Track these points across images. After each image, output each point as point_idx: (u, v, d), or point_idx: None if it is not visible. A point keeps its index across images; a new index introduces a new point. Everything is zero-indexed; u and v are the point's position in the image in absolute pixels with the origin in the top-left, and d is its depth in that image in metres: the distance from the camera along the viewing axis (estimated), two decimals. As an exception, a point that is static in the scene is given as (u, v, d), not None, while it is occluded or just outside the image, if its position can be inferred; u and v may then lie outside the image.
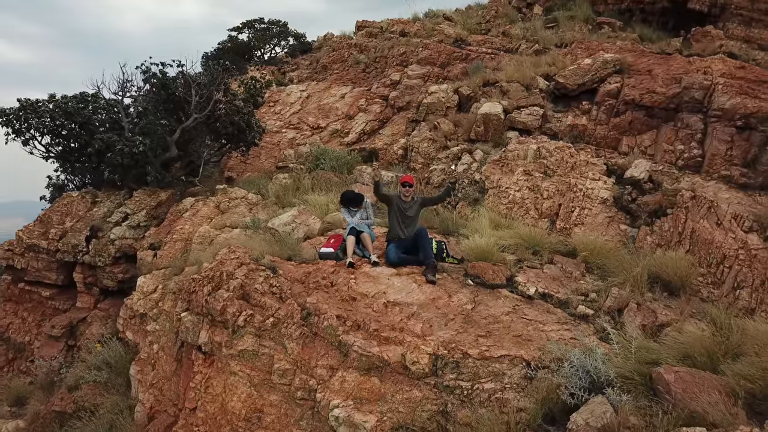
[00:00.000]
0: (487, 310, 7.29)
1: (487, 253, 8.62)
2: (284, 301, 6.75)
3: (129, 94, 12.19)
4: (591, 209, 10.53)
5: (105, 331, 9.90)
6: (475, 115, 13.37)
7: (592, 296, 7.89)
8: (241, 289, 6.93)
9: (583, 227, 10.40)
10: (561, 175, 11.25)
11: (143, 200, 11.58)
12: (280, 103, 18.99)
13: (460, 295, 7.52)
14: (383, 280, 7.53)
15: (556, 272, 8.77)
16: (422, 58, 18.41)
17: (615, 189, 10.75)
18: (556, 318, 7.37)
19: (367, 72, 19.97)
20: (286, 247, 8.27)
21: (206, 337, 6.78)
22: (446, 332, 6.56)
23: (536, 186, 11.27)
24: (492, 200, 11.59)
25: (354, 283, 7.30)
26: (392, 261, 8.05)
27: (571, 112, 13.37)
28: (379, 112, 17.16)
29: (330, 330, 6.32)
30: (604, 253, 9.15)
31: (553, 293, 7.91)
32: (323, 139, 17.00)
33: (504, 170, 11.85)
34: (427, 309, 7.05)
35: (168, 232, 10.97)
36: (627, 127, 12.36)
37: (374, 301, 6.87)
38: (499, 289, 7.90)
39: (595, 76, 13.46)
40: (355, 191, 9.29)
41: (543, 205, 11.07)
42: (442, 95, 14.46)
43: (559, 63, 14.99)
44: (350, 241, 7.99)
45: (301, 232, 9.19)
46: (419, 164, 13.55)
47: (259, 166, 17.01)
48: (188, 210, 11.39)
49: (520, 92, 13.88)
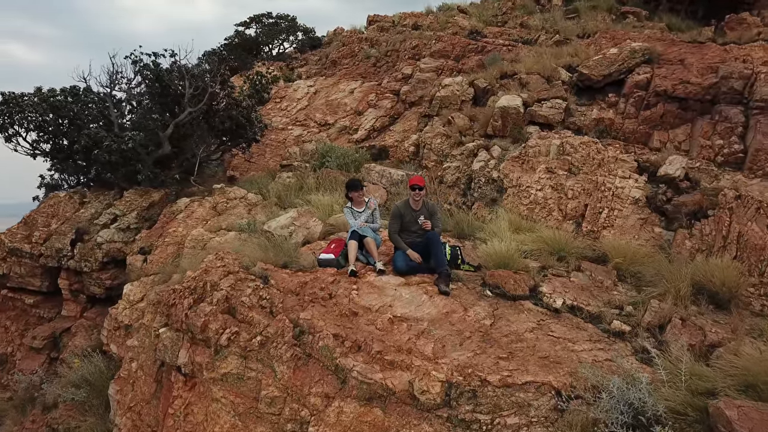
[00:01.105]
0: (509, 326, 6.37)
1: (508, 259, 7.69)
2: (274, 317, 5.87)
3: (119, 87, 11.38)
4: (621, 210, 9.53)
5: (89, 344, 9.10)
6: (492, 109, 12.41)
7: (627, 310, 6.93)
8: (226, 302, 6.07)
9: (613, 230, 9.41)
10: (587, 172, 10.26)
11: (134, 201, 10.77)
12: (287, 99, 18.16)
13: (478, 309, 6.61)
14: (389, 291, 6.64)
15: (585, 281, 7.82)
16: (435, 51, 17.49)
17: (647, 188, 9.74)
18: (588, 335, 6.43)
19: (378, 66, 19.09)
20: (281, 252, 7.40)
21: (186, 357, 5.92)
22: (461, 354, 5.65)
23: (560, 185, 10.29)
24: (511, 200, 10.63)
25: (356, 295, 6.41)
26: (400, 269, 7.15)
27: (596, 105, 12.36)
28: (390, 107, 16.27)
29: (326, 351, 5.43)
30: (638, 259, 8.19)
31: (583, 306, 6.97)
32: (331, 136, 16.15)
33: (524, 168, 10.89)
34: (439, 325, 6.14)
35: (160, 235, 10.18)
36: (658, 120, 11.33)
37: (378, 317, 5.97)
38: (522, 301, 6.98)
39: (623, 67, 12.44)
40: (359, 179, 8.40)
41: (567, 205, 10.10)
42: (456, 88, 13.51)
43: (581, 54, 14.00)
44: (352, 246, 7.10)
45: (300, 235, 8.32)
46: (432, 162, 12.62)
47: (264, 164, 16.21)
48: (182, 211, 10.58)
49: (541, 84, 12.90)
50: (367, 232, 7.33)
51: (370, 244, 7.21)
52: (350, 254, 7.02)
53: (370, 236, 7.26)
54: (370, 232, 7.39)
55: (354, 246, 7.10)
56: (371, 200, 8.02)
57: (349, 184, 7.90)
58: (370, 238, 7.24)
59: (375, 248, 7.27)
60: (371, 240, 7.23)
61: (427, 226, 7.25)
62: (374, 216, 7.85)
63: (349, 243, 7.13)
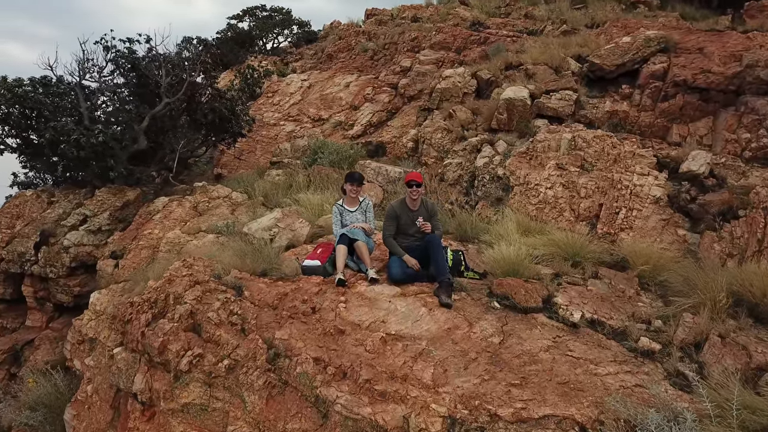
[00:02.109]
0: (521, 345, 5.49)
1: (517, 265, 6.81)
2: (246, 336, 4.99)
3: (90, 77, 10.44)
4: (641, 210, 8.64)
5: (52, 358, 8.20)
6: (496, 101, 11.53)
7: (656, 324, 6.05)
8: (191, 318, 5.18)
9: (632, 232, 8.52)
10: (602, 169, 9.37)
11: (106, 200, 9.86)
12: (279, 93, 17.26)
13: (484, 324, 5.73)
14: (383, 304, 5.75)
15: (604, 290, 6.93)
16: (436, 43, 16.61)
17: (669, 186, 8.84)
18: (612, 355, 5.54)
19: (375, 59, 18.20)
20: (260, 258, 6.52)
21: (143, 383, 5.04)
22: (466, 380, 4.77)
23: (572, 182, 9.40)
24: (518, 199, 9.74)
25: (343, 309, 5.52)
26: (396, 277, 6.27)
27: (609, 97, 11.47)
28: (388, 101, 15.38)
29: (305, 379, 4.55)
30: (663, 264, 7.31)
31: (605, 320, 6.09)
32: (325, 131, 15.26)
33: (532, 164, 10.00)
34: (440, 344, 5.26)
35: (134, 238, 9.29)
36: (677, 113, 10.44)
37: (369, 335, 5.08)
38: (534, 315, 6.11)
39: (637, 56, 11.56)
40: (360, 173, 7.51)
41: (580, 205, 9.21)
42: (458, 80, 12.63)
43: (591, 44, 13.13)
44: (341, 251, 6.21)
45: (284, 238, 7.43)
46: (432, 158, 11.73)
47: (254, 162, 15.33)
48: (160, 211, 9.70)
49: (549, 75, 12.01)
50: (358, 235, 6.43)
51: (362, 248, 6.31)
52: (338, 260, 6.13)
53: (361, 240, 6.37)
54: (362, 235, 6.49)
55: (343, 251, 6.21)
56: (366, 200, 7.13)
57: (348, 174, 7.04)
58: (361, 242, 6.34)
59: (367, 253, 6.38)
60: (362, 244, 6.33)
61: (426, 229, 6.37)
62: (367, 216, 6.96)
63: (337, 248, 6.24)
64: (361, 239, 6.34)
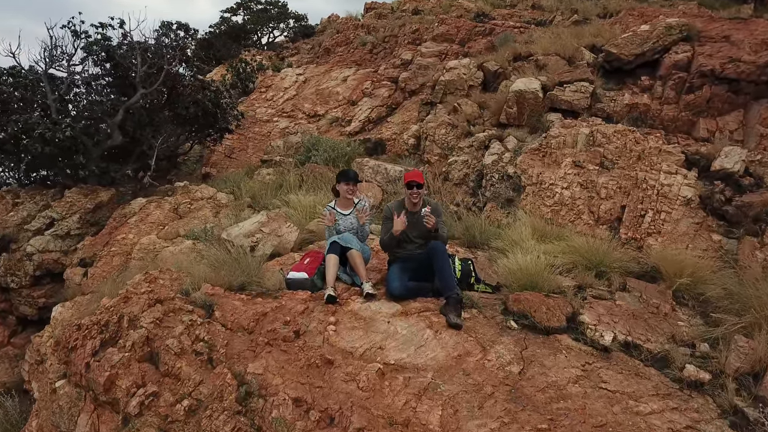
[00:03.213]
0: (545, 376, 4.58)
1: (536, 276, 5.89)
2: (213, 368, 4.09)
3: (59, 65, 9.50)
4: (670, 213, 7.73)
5: (11, 379, 7.30)
6: (505, 94, 10.63)
7: (702, 349, 5.13)
8: (147, 346, 4.28)
9: (661, 237, 7.61)
10: (624, 167, 8.47)
11: (76, 201, 8.94)
12: (273, 88, 16.35)
13: (500, 349, 4.83)
14: (380, 326, 4.85)
15: (635, 305, 6.02)
16: (438, 35, 15.70)
17: (700, 186, 7.95)
18: (653, 387, 4.63)
19: (374, 53, 17.29)
20: (239, 269, 5.62)
21: (87, 426, 4.14)
22: (482, 423, 3.87)
23: (590, 182, 8.50)
24: (531, 200, 8.84)
25: (333, 332, 4.62)
26: (396, 292, 5.36)
27: (627, 89, 10.57)
28: (387, 96, 14.48)
29: (281, 426, 3.64)
30: (698, 274, 6.40)
31: (641, 342, 5.18)
32: (321, 128, 14.36)
33: (546, 161, 9.10)
34: (449, 376, 4.36)
35: (106, 243, 8.40)
36: (704, 105, 9.54)
37: (363, 367, 4.18)
38: (558, 336, 5.19)
39: (657, 45, 10.64)
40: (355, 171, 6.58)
41: (600, 206, 8.31)
42: (463, 71, 11.72)
43: (606, 33, 12.24)
44: (331, 262, 5.30)
45: (269, 246, 6.52)
46: (435, 156, 10.83)
47: (246, 160, 14.45)
48: (136, 214, 8.78)
49: (562, 66, 11.11)
50: (352, 242, 5.52)
51: (355, 258, 5.41)
52: (328, 273, 5.23)
53: (355, 248, 5.45)
54: (356, 242, 5.58)
55: (333, 262, 5.30)
56: (363, 200, 6.23)
57: (341, 172, 6.16)
58: (355, 251, 5.43)
59: (362, 264, 5.48)
60: (356, 253, 5.42)
61: (430, 223, 5.42)
62: (361, 229, 6.04)
63: (327, 258, 5.33)
64: (354, 247, 5.43)
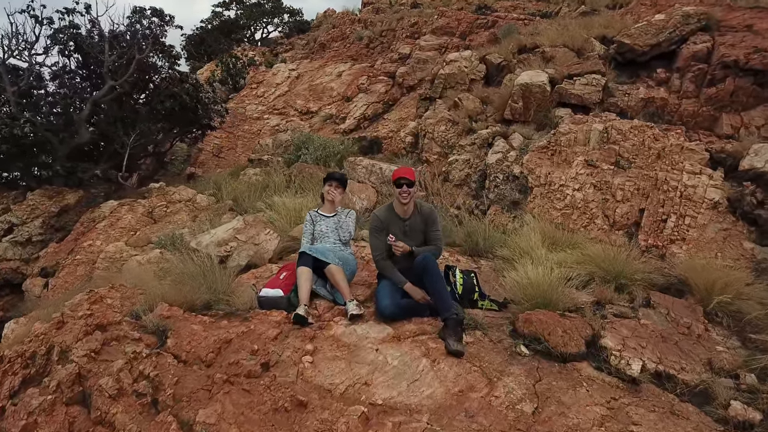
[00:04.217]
0: (564, 416, 3.80)
1: (549, 291, 5.09)
2: (155, 415, 3.30)
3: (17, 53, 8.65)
4: (695, 217, 6.95)
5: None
6: (509, 88, 9.85)
7: (748, 380, 4.34)
8: (78, 384, 3.50)
9: (685, 245, 6.83)
10: (641, 166, 7.69)
11: (39, 204, 8.15)
12: (265, 84, 15.57)
13: (510, 381, 4.05)
14: (367, 354, 4.07)
15: (663, 324, 5.23)
16: (438, 27, 14.92)
17: (728, 187, 7.17)
18: (693, 428, 3.86)
19: (371, 47, 16.52)
20: (204, 284, 4.83)
21: (3, 485, 3.36)
22: (491, 486, 3.09)
23: (605, 182, 7.73)
24: (539, 203, 8.06)
25: (309, 364, 3.84)
26: (386, 312, 4.57)
27: (642, 82, 9.80)
28: (384, 92, 13.70)
29: (235, 495, 2.86)
30: (731, 286, 5.62)
31: (674, 372, 4.39)
32: (314, 125, 13.58)
33: (555, 160, 8.32)
34: (449, 419, 3.59)
35: (71, 251, 7.62)
36: (727, 99, 8.76)
37: (343, 411, 3.40)
38: (576, 364, 4.40)
39: (674, 34, 9.87)
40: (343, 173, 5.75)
41: (616, 210, 7.53)
42: (464, 64, 10.95)
43: (616, 24, 11.48)
44: (303, 276, 4.48)
45: (244, 256, 5.74)
46: (434, 155, 10.04)
47: (234, 160, 13.68)
48: (106, 218, 8.00)
49: (570, 58, 10.34)
50: (327, 255, 4.68)
51: (335, 274, 4.59)
52: (300, 289, 4.42)
53: (332, 263, 4.63)
54: (333, 254, 4.74)
55: (306, 276, 4.48)
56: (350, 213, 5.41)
57: (329, 173, 5.39)
58: (333, 267, 4.61)
59: (344, 280, 4.66)
60: (336, 269, 4.60)
61: (397, 249, 4.65)
62: (348, 227, 5.23)
63: (298, 271, 4.52)
64: (331, 262, 4.62)
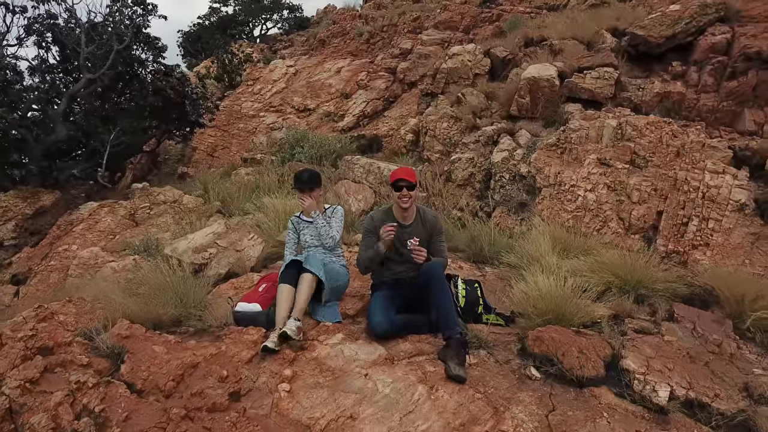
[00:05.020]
0: (584, 456, 3.26)
1: (562, 304, 4.55)
2: (97, 461, 2.76)
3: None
4: (719, 220, 6.38)
5: None
6: (516, 83, 9.31)
7: (794, 408, 3.79)
8: (10, 422, 2.96)
9: (709, 251, 6.26)
10: (659, 165, 7.12)
11: (13, 206, 7.64)
12: (261, 81, 15.04)
13: (519, 411, 3.50)
14: (353, 381, 3.53)
15: (689, 341, 4.68)
16: (440, 22, 14.38)
17: (754, 188, 6.60)
18: (734, 469, 3.31)
19: (372, 43, 15.97)
20: (175, 297, 4.30)
21: None
22: None
23: (619, 183, 7.16)
24: (548, 205, 7.50)
25: (286, 394, 3.31)
26: (378, 329, 4.02)
27: (657, 76, 9.25)
28: (385, 88, 13.16)
29: None
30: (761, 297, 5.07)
31: (707, 399, 3.84)
32: (311, 123, 13.05)
33: (565, 159, 7.76)
34: (448, 462, 3.04)
35: (45, 256, 7.11)
36: (749, 94, 8.20)
37: (322, 454, 2.86)
38: (594, 389, 3.85)
39: (690, 26, 9.32)
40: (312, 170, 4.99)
41: (632, 212, 6.97)
42: (467, 58, 10.39)
43: (628, 16, 10.94)
44: (283, 295, 3.90)
45: (224, 263, 5.20)
46: (436, 153, 9.50)
47: (229, 159, 13.17)
48: (84, 221, 7.49)
49: (580, 51, 9.78)
50: (312, 263, 4.10)
51: (303, 283, 3.95)
52: (279, 307, 3.86)
53: (313, 270, 4.01)
54: (316, 262, 4.13)
55: (286, 294, 3.90)
56: (337, 209, 4.80)
57: (295, 175, 4.65)
58: (308, 276, 3.95)
59: (306, 293, 3.93)
60: (308, 279, 3.92)
61: (419, 257, 4.09)
62: (335, 228, 4.57)
63: (279, 288, 3.96)
64: (313, 269, 4.01)
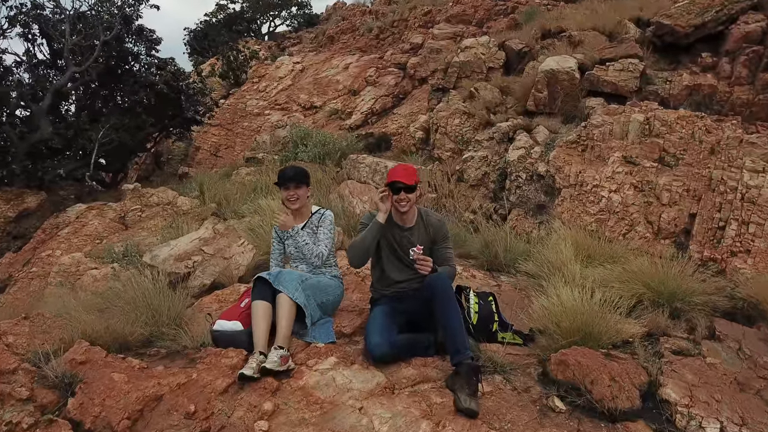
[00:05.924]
0: None
1: (589, 321, 3.93)
2: None
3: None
4: (761, 225, 5.76)
5: None
6: (533, 76, 8.73)
7: None
8: None
9: (750, 258, 5.64)
10: (691, 164, 6.51)
11: (-6, 208, 7.24)
12: (267, 78, 14.58)
13: (542, 455, 2.93)
14: (345, 416, 2.98)
15: (735, 363, 4.08)
16: (453, 15, 13.82)
17: (799, 187, 5.97)
18: None
19: (381, 38, 15.45)
20: (147, 312, 3.79)
21: None
22: None
23: (647, 183, 6.55)
24: (569, 207, 6.91)
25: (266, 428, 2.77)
26: (376, 352, 3.45)
27: (685, 68, 8.62)
28: (394, 84, 12.63)
29: None
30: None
31: (765, 438, 3.25)
32: (318, 122, 12.57)
33: (587, 157, 7.16)
34: None
35: (27, 261, 6.67)
36: (788, 86, 7.59)
37: None
38: (630, 424, 3.26)
39: (720, 14, 8.70)
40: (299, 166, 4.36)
41: (662, 215, 6.36)
42: (481, 51, 9.82)
43: (651, 6, 10.32)
44: (258, 312, 3.31)
45: (209, 273, 4.69)
46: (447, 151, 8.94)
47: (232, 159, 12.73)
48: (71, 224, 7.04)
49: (602, 42, 9.18)
50: (285, 282, 3.40)
51: (282, 309, 3.27)
52: (255, 327, 3.28)
53: (286, 292, 3.34)
54: (293, 281, 3.44)
55: (262, 311, 3.31)
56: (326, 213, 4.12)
57: (279, 172, 3.99)
58: (284, 298, 3.32)
59: (288, 318, 3.20)
60: (287, 302, 3.30)
61: (423, 267, 3.51)
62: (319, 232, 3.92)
63: (252, 305, 3.39)
64: (286, 291, 3.36)
